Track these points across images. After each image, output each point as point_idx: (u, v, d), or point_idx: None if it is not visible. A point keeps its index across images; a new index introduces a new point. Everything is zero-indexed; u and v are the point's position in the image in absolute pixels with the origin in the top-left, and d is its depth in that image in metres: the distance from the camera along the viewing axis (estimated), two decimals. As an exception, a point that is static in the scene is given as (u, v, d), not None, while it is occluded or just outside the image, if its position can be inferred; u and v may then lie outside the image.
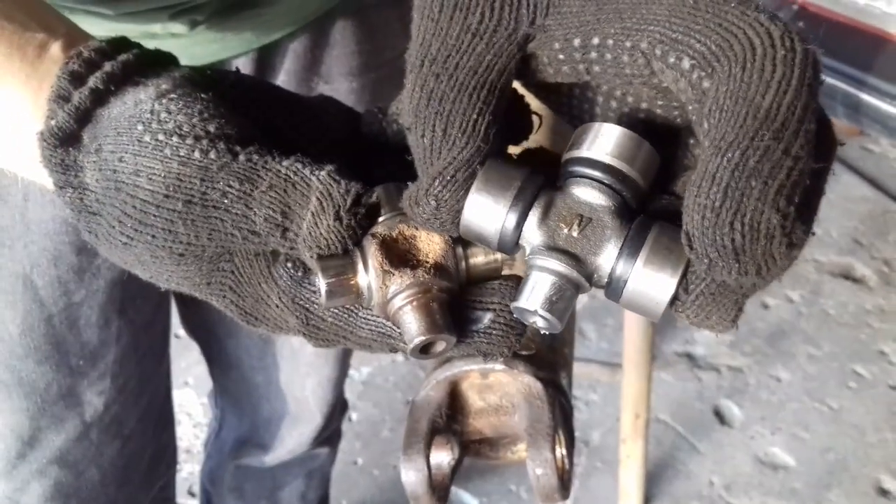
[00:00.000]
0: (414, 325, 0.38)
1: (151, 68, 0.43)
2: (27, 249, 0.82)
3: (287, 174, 0.40)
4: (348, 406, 1.38)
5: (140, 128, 0.40)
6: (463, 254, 0.41)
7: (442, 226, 0.38)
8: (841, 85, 1.38)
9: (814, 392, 2.10)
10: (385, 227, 0.40)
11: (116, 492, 1.00)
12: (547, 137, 0.52)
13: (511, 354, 0.41)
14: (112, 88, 0.42)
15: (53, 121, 0.41)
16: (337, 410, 1.27)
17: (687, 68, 0.35)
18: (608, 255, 0.37)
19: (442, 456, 0.64)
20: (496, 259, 0.41)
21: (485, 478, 1.89)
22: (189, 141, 0.39)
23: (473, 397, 0.69)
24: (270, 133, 0.44)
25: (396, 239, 0.40)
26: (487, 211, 0.37)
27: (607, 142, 0.37)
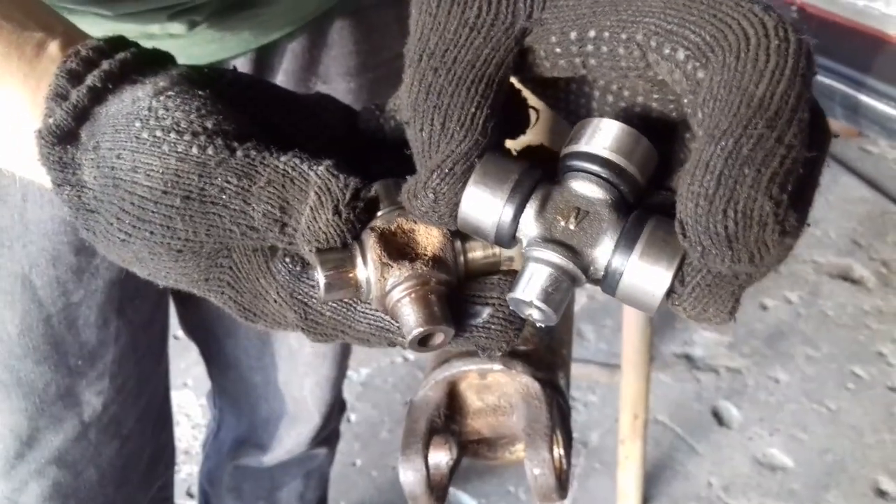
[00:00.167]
0: (412, 317, 0.38)
1: (149, 67, 0.43)
2: (26, 249, 0.82)
3: (285, 169, 0.40)
4: (346, 406, 1.38)
5: (138, 125, 0.40)
6: (461, 248, 0.41)
7: (440, 219, 0.38)
8: (840, 86, 1.39)
9: (812, 393, 2.10)
10: (383, 221, 0.40)
11: (115, 492, 1.00)
12: (545, 137, 0.52)
13: (509, 349, 0.41)
14: (110, 87, 0.42)
15: (51, 119, 0.41)
16: (335, 410, 1.27)
17: (682, 59, 0.35)
18: (604, 248, 0.37)
19: (440, 456, 0.64)
20: (494, 253, 0.41)
21: (483, 478, 1.89)
22: (187, 137, 0.39)
23: (472, 397, 0.69)
24: (268, 130, 0.44)
25: (395, 232, 0.40)
26: (485, 203, 0.37)
27: (605, 136, 0.37)
